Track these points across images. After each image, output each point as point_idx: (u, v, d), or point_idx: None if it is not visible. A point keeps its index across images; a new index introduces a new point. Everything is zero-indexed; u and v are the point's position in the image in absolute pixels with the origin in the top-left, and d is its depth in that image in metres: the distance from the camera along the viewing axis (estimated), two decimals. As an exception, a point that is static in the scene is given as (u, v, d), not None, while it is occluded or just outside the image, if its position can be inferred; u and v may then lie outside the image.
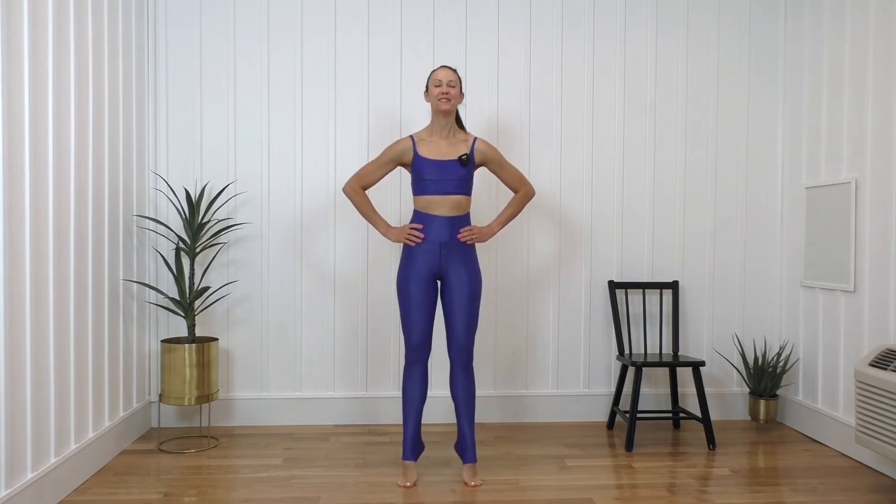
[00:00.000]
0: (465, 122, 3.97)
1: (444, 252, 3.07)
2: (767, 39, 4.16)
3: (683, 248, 4.15)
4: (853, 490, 3.06)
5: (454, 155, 3.09)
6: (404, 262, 3.11)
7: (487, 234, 3.16)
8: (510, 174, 3.22)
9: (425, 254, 3.07)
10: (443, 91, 3.05)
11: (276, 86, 3.99)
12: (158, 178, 3.93)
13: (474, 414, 3.13)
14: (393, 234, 3.12)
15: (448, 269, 3.08)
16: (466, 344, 3.08)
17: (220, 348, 3.99)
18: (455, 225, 3.08)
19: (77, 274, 3.05)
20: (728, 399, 4.18)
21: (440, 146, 3.10)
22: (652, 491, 3.02)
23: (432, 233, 3.07)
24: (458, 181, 3.07)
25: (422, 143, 3.12)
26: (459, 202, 3.09)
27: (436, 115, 3.11)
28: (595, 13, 4.09)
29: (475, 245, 3.16)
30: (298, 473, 3.23)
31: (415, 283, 3.06)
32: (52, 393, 2.84)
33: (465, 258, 3.09)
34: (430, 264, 3.07)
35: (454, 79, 3.09)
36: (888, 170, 3.25)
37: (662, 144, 4.13)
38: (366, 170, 3.18)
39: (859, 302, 3.44)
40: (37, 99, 2.72)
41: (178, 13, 3.93)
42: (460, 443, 3.12)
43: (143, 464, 3.35)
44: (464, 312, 3.06)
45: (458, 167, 3.07)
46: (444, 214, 3.07)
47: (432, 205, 3.07)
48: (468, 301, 3.07)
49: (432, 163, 3.06)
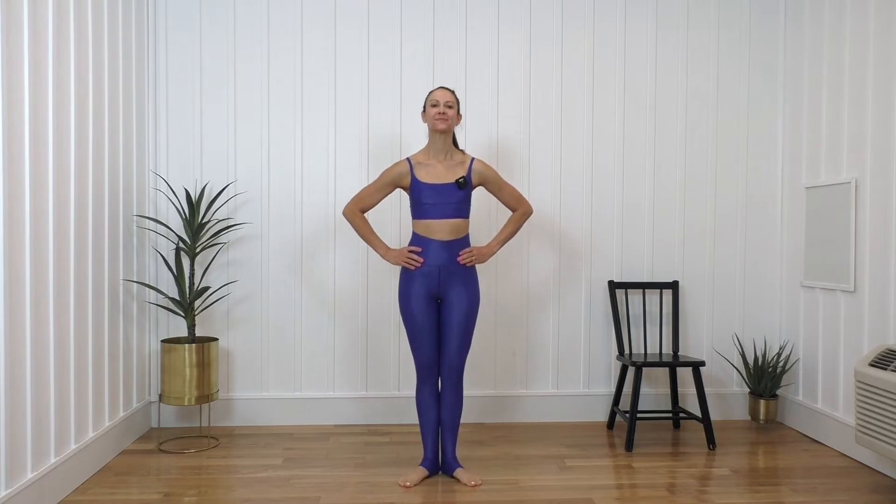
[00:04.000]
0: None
1: (444, 275, 3.09)
2: (767, 39, 4.16)
3: (683, 248, 4.15)
4: (853, 490, 3.06)
5: (451, 178, 3.10)
6: (403, 283, 3.13)
7: (486, 255, 3.18)
8: (508, 194, 3.24)
9: (424, 277, 3.09)
10: (440, 111, 3.06)
11: (276, 85, 3.99)
12: (158, 178, 3.93)
13: (458, 431, 3.20)
14: (392, 256, 3.13)
15: (447, 290, 3.10)
16: (458, 364, 3.12)
17: (220, 348, 3.99)
18: (454, 248, 3.10)
19: (77, 274, 3.05)
20: (728, 399, 4.18)
21: (437, 169, 3.11)
22: (652, 491, 3.02)
23: (431, 256, 3.08)
24: (456, 204, 3.09)
25: (419, 166, 3.13)
26: (458, 225, 3.11)
27: (433, 135, 3.12)
28: (595, 13, 4.09)
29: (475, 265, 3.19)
30: (298, 473, 3.23)
31: (417, 303, 3.09)
32: (52, 393, 2.84)
33: (464, 280, 3.12)
34: (429, 286, 3.10)
35: (451, 100, 3.10)
36: (888, 170, 3.25)
37: (662, 144, 4.13)
38: (364, 193, 3.20)
39: (859, 302, 3.44)
40: (37, 99, 2.72)
41: (178, 13, 3.93)
42: (443, 460, 3.18)
43: (143, 464, 3.35)
44: (458, 334, 3.10)
45: (456, 190, 3.08)
46: (442, 238, 3.09)
47: (431, 229, 3.09)
48: (464, 323, 3.10)
49: (430, 187, 3.08)
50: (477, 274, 3.20)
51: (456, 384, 3.14)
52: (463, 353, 3.12)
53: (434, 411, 3.17)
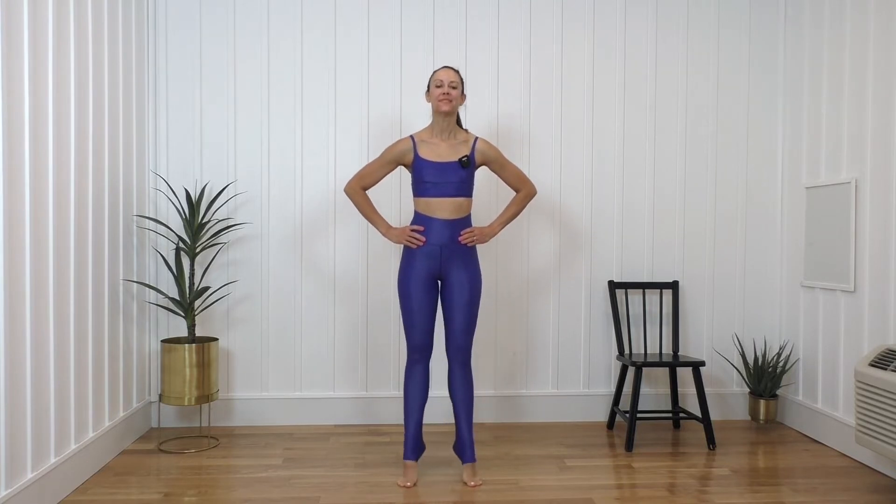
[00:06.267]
0: (466, 122, 3.97)
1: (445, 254, 3.08)
2: (767, 39, 4.16)
3: (683, 248, 4.15)
4: (853, 490, 3.06)
5: (454, 157, 3.09)
6: (405, 263, 3.12)
7: (488, 235, 3.17)
8: (511, 174, 3.22)
9: (426, 256, 3.07)
10: (444, 92, 3.05)
11: (276, 85, 3.99)
12: (158, 178, 3.93)
13: (472, 413, 3.14)
14: (394, 234, 3.12)
15: (449, 270, 3.09)
16: (464, 344, 3.10)
17: (220, 348, 3.99)
18: (456, 227, 3.09)
19: (77, 274, 3.05)
20: (728, 399, 4.18)
21: (440, 148, 3.10)
22: (652, 491, 3.02)
23: (433, 235, 3.07)
24: (459, 183, 3.08)
25: (422, 144, 3.11)
26: (460, 204, 3.09)
27: (436, 115, 3.11)
28: (595, 13, 4.09)
29: (476, 245, 3.16)
30: (298, 473, 3.23)
31: (415, 284, 3.07)
32: (52, 393, 2.84)
33: (465, 259, 3.10)
34: (430, 266, 3.08)
35: (456, 80, 3.08)
36: (888, 170, 3.25)
37: (662, 144, 4.13)
38: (366, 170, 3.18)
39: (859, 302, 3.44)
40: (37, 99, 2.72)
41: (178, 14, 3.93)
42: (458, 443, 3.13)
43: (143, 464, 3.35)
44: (463, 313, 3.08)
45: (459, 169, 3.07)
46: (444, 217, 3.07)
47: (433, 207, 3.08)
48: (467, 302, 3.08)
49: (433, 165, 3.06)
50: (478, 255, 3.17)
51: (464, 363, 3.10)
52: (469, 333, 3.10)
53: (421, 394, 3.12)
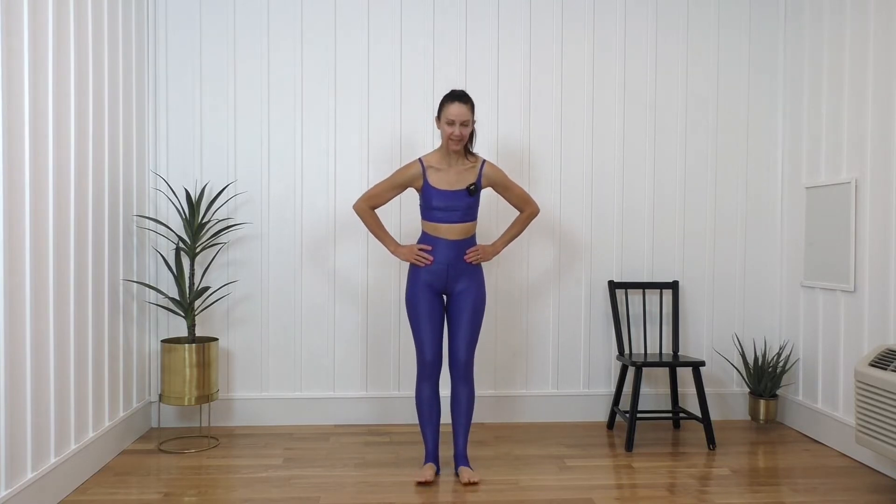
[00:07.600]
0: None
1: (451, 272, 3.16)
2: (767, 39, 4.16)
3: (683, 248, 4.15)
4: (853, 490, 3.06)
5: (462, 184, 3.15)
6: (411, 279, 3.20)
7: (492, 254, 3.27)
8: (515, 195, 3.29)
9: (432, 273, 3.16)
10: (455, 133, 3.06)
11: (276, 85, 3.99)
12: (158, 178, 3.93)
13: (470, 425, 3.25)
14: (402, 253, 3.20)
15: (455, 286, 3.18)
16: (466, 359, 3.17)
17: (220, 348, 3.99)
18: (461, 247, 3.18)
19: (77, 274, 3.05)
20: (728, 399, 4.18)
21: (449, 174, 3.15)
22: (652, 491, 3.02)
23: (440, 254, 3.16)
24: (466, 209, 3.16)
25: (431, 170, 3.16)
26: (466, 228, 3.18)
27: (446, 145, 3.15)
28: (595, 13, 4.09)
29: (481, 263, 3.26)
30: (298, 473, 3.23)
31: (423, 300, 3.15)
32: (52, 393, 2.84)
33: (471, 276, 3.20)
34: (436, 283, 3.17)
35: (468, 118, 3.07)
36: (888, 170, 3.25)
37: (662, 144, 4.13)
38: (375, 191, 3.23)
39: (859, 302, 3.44)
40: (37, 99, 2.72)
41: (178, 13, 3.93)
42: (454, 451, 3.22)
43: (143, 464, 3.35)
44: (466, 329, 3.16)
45: (466, 196, 3.14)
46: (451, 238, 3.16)
47: (440, 230, 3.16)
48: (471, 318, 3.17)
49: (441, 193, 3.13)
50: (483, 271, 3.25)
51: (465, 378, 3.18)
52: (471, 347, 3.17)
53: (435, 411, 3.20)
